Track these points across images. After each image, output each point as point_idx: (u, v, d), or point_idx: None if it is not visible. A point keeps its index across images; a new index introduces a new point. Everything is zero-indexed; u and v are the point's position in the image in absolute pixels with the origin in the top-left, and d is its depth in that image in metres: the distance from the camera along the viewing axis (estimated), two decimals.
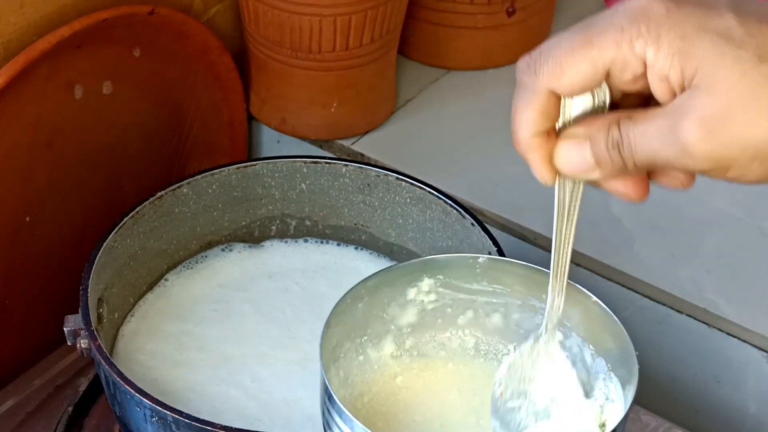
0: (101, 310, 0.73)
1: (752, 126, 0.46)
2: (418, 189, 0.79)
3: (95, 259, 0.72)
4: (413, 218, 0.81)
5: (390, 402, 0.60)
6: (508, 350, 0.62)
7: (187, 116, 0.94)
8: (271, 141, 1.01)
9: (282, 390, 0.73)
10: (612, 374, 0.57)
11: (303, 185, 0.82)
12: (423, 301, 0.62)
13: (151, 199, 0.77)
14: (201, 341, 0.76)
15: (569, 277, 0.54)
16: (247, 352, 0.75)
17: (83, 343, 0.69)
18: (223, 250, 0.83)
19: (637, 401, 0.82)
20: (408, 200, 0.80)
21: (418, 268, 0.60)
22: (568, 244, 0.53)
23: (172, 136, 0.94)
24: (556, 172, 0.51)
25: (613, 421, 0.54)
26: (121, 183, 0.90)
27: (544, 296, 0.58)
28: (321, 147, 0.98)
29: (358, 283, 0.58)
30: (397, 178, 0.80)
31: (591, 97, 0.50)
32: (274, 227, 0.85)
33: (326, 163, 0.82)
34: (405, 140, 0.99)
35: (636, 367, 0.54)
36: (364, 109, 0.98)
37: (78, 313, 0.69)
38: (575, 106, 0.50)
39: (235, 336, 0.76)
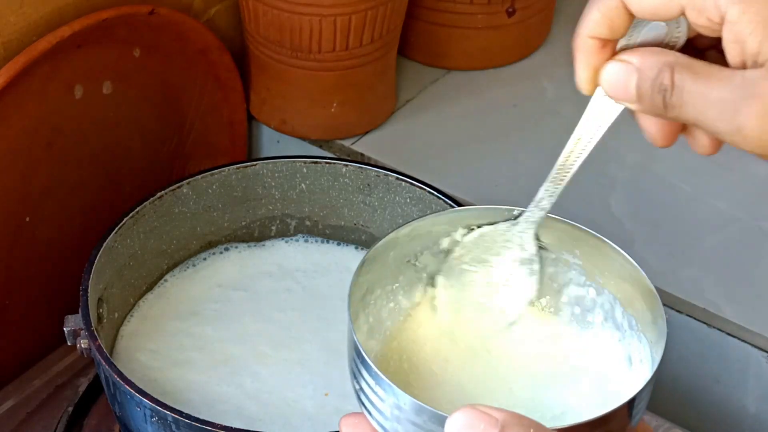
0: (101, 310, 0.73)
1: None
2: (418, 189, 0.79)
3: (95, 259, 0.72)
4: (413, 218, 0.80)
5: (416, 350, 0.59)
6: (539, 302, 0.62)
7: (187, 116, 0.94)
8: (271, 141, 1.01)
9: (282, 390, 0.73)
10: (642, 335, 0.56)
11: (303, 185, 0.82)
12: (457, 250, 0.61)
13: (151, 199, 0.77)
14: (201, 341, 0.76)
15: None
16: (247, 352, 0.75)
17: (83, 343, 0.69)
18: (223, 250, 0.83)
19: None
20: (408, 200, 0.80)
21: (453, 218, 0.59)
22: (579, 158, 0.53)
23: (172, 136, 0.94)
24: (596, 86, 0.50)
25: (641, 380, 0.53)
26: (121, 183, 0.90)
27: (576, 251, 0.58)
28: (321, 147, 0.98)
29: (390, 231, 0.58)
30: (397, 178, 0.80)
31: (665, 29, 0.48)
32: (274, 227, 0.85)
33: (326, 163, 0.82)
34: (405, 140, 0.99)
35: (665, 329, 0.53)
36: (364, 109, 0.98)
37: (78, 313, 0.69)
38: (645, 31, 0.49)
39: (235, 336, 0.76)
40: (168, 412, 0.63)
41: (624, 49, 0.49)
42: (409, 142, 0.99)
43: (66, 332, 0.70)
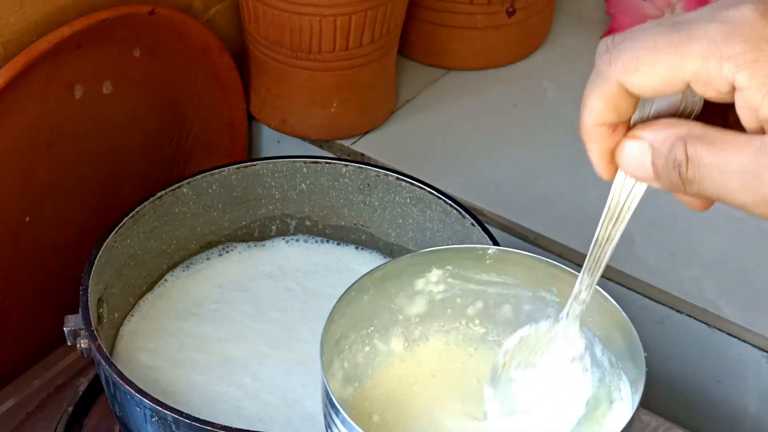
0: (101, 310, 0.73)
1: None
2: (418, 189, 0.79)
3: (95, 259, 0.72)
4: (413, 218, 0.81)
5: (395, 390, 0.59)
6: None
7: (187, 116, 0.94)
8: (271, 141, 1.01)
9: (282, 390, 0.73)
10: (621, 372, 0.56)
11: (303, 185, 0.82)
12: (432, 291, 0.61)
13: (151, 199, 0.77)
14: (201, 341, 0.76)
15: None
16: (248, 352, 0.75)
17: (83, 343, 0.69)
18: (223, 250, 0.83)
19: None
20: (408, 200, 0.80)
21: (426, 259, 0.60)
22: (611, 243, 0.51)
23: (172, 136, 0.94)
24: (616, 168, 0.48)
25: (622, 420, 0.54)
26: (121, 183, 0.90)
27: (554, 288, 0.57)
28: (321, 147, 0.98)
29: (364, 275, 0.57)
30: (397, 178, 0.80)
31: (679, 96, 0.46)
32: (274, 227, 0.85)
33: (326, 163, 0.82)
34: (405, 140, 0.99)
35: (644, 366, 0.53)
36: (364, 109, 0.98)
37: (78, 313, 0.69)
38: (658, 101, 0.46)
39: (236, 336, 0.76)
40: (168, 412, 0.63)
41: (638, 122, 0.47)
42: (409, 142, 0.99)
43: (66, 332, 0.70)
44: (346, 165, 0.81)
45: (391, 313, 0.61)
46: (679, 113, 0.46)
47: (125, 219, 0.75)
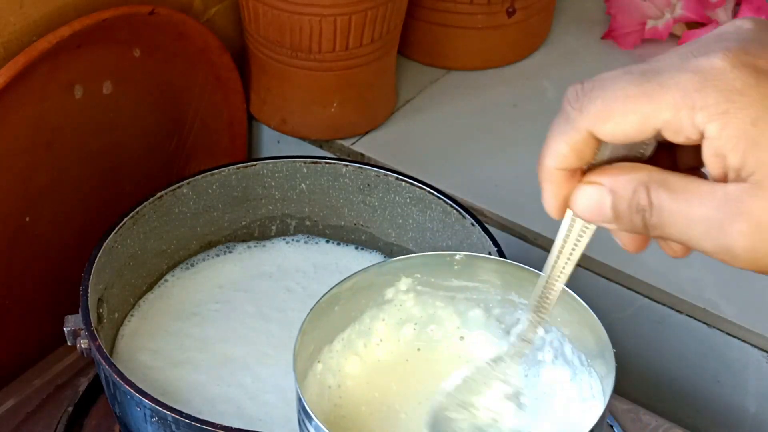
0: (101, 310, 0.73)
1: None
2: (418, 189, 0.79)
3: (95, 259, 0.72)
4: (413, 218, 0.81)
5: (367, 395, 0.59)
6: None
7: (187, 116, 0.94)
8: (271, 141, 1.01)
9: (282, 390, 0.73)
10: (592, 369, 0.56)
11: (303, 185, 0.82)
12: (402, 300, 0.61)
13: (151, 199, 0.77)
14: (201, 341, 0.76)
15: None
16: (248, 352, 0.75)
17: (83, 343, 0.69)
18: (223, 250, 0.83)
19: (638, 401, 0.82)
20: (408, 200, 0.80)
21: (394, 268, 0.60)
22: (559, 281, 0.51)
23: (172, 136, 0.94)
24: (566, 209, 0.48)
25: (594, 416, 0.53)
26: (121, 183, 0.90)
27: (523, 291, 0.58)
28: (321, 147, 0.98)
29: (333, 287, 0.57)
30: (397, 178, 0.80)
31: (632, 144, 0.46)
32: (274, 227, 0.85)
33: (326, 163, 0.82)
34: (405, 140, 0.99)
35: (613, 363, 0.52)
36: (364, 109, 0.98)
37: (78, 313, 0.69)
38: (612, 146, 0.46)
39: (236, 336, 0.76)
40: (168, 412, 0.63)
41: (592, 167, 0.47)
42: (409, 142, 0.99)
43: (66, 332, 0.70)
44: (346, 165, 0.81)
45: (361, 323, 0.61)
46: (633, 156, 0.46)
47: (125, 219, 0.75)
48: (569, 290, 0.55)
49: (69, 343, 0.71)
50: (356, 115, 0.98)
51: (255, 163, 0.81)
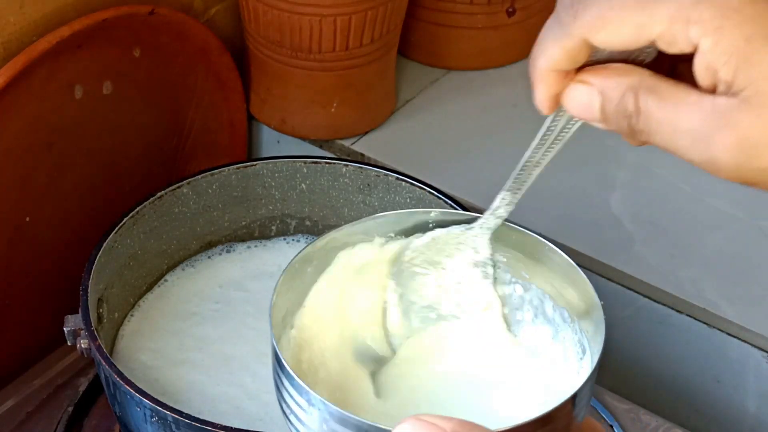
0: (101, 310, 0.73)
1: None
2: (418, 189, 0.79)
3: (95, 259, 0.72)
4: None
5: (340, 349, 0.58)
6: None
7: (187, 116, 0.94)
8: (271, 141, 1.01)
9: None
10: (577, 326, 0.55)
11: (303, 185, 0.82)
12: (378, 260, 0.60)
13: (151, 199, 0.77)
14: (201, 341, 0.76)
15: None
16: (248, 352, 0.75)
17: (83, 343, 0.69)
18: (223, 250, 0.83)
19: (638, 401, 0.82)
20: (408, 200, 0.80)
21: (367, 227, 0.58)
22: (538, 167, 0.52)
23: (172, 136, 0.94)
24: (557, 106, 0.49)
25: (581, 377, 0.51)
26: (121, 183, 0.90)
27: (501, 247, 0.57)
28: (321, 147, 0.98)
29: (307, 246, 0.56)
30: (397, 178, 0.80)
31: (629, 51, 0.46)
32: (274, 227, 0.85)
33: (326, 163, 0.82)
34: (405, 140, 0.99)
35: (602, 318, 0.51)
36: (364, 109, 0.98)
37: (78, 313, 0.69)
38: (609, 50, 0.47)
39: (236, 336, 0.76)
40: (168, 412, 0.63)
41: (588, 64, 0.47)
42: (409, 142, 0.99)
43: (66, 332, 0.70)
44: (346, 165, 0.81)
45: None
46: (632, 60, 0.46)
47: (125, 219, 0.75)
48: (554, 246, 0.55)
49: (69, 343, 0.71)
50: (356, 115, 0.98)
51: (255, 163, 0.81)
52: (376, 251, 0.58)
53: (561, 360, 0.56)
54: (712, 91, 0.44)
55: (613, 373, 0.90)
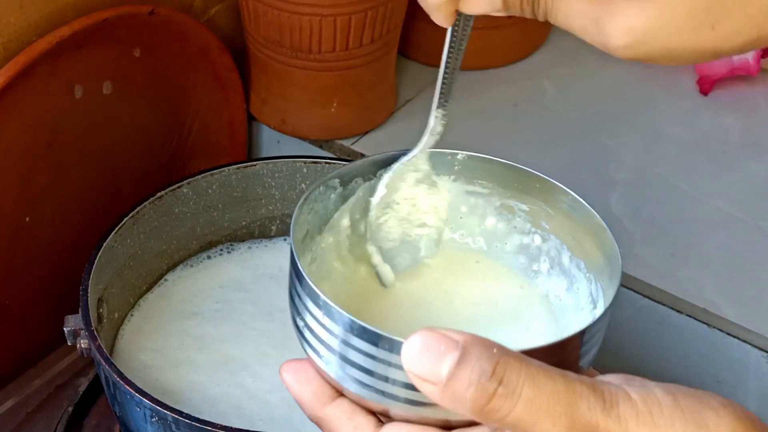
0: (101, 310, 0.73)
1: (681, 41, 0.46)
2: None
3: (95, 259, 0.72)
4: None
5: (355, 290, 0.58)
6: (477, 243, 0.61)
7: (187, 116, 0.94)
8: (271, 141, 1.01)
9: (282, 390, 0.72)
10: (592, 276, 0.55)
11: (303, 185, 0.82)
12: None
13: (151, 199, 0.77)
14: (201, 341, 0.76)
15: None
16: (248, 352, 0.75)
17: (83, 343, 0.69)
18: (223, 250, 0.83)
19: None
20: None
21: (394, 159, 0.59)
22: (455, 71, 0.56)
23: (172, 136, 0.94)
24: (456, 14, 0.53)
25: (585, 321, 0.51)
26: (121, 183, 0.90)
27: (523, 195, 0.58)
28: (321, 147, 0.98)
29: (333, 173, 0.57)
30: None
31: None
32: (274, 227, 0.85)
33: (326, 163, 0.82)
34: (405, 140, 0.99)
35: (619, 265, 0.51)
36: (364, 109, 0.98)
37: (78, 313, 0.69)
38: None
39: (236, 336, 0.76)
40: (168, 412, 0.63)
41: None
42: (409, 142, 0.99)
43: (66, 332, 0.70)
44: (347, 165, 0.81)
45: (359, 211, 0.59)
46: None
47: (125, 219, 0.75)
48: (578, 197, 0.55)
49: (69, 343, 0.71)
50: (356, 115, 0.98)
51: (255, 163, 0.81)
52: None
53: (573, 309, 0.56)
54: None
55: (613, 373, 0.90)
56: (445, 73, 0.55)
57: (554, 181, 0.56)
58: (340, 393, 0.49)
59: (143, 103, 0.89)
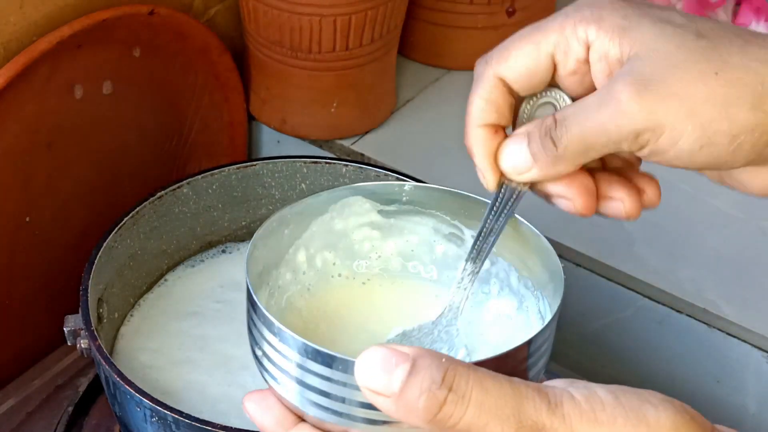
0: (101, 310, 0.73)
1: (689, 85, 0.47)
2: None
3: (95, 259, 0.72)
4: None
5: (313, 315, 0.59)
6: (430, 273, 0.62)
7: (187, 116, 0.94)
8: (271, 141, 1.01)
9: None
10: (539, 293, 0.56)
11: (303, 185, 0.82)
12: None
13: (151, 199, 0.77)
14: (201, 341, 0.76)
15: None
16: (248, 352, 0.74)
17: (83, 343, 0.69)
18: (223, 250, 0.83)
19: None
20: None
21: (344, 194, 0.59)
22: (493, 235, 0.54)
23: (172, 136, 0.94)
24: (500, 177, 0.52)
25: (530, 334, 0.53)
26: (121, 183, 0.90)
27: (469, 222, 0.58)
28: (321, 147, 0.98)
29: (284, 208, 0.57)
30: (397, 178, 0.80)
31: (552, 109, 0.52)
32: None
33: (326, 163, 0.82)
34: (405, 140, 0.99)
35: (561, 280, 0.53)
36: (364, 109, 0.98)
37: (78, 313, 0.69)
38: (531, 110, 0.52)
39: (236, 336, 0.76)
40: (168, 412, 0.63)
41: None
42: (409, 142, 0.99)
43: (66, 332, 0.70)
44: (346, 165, 0.81)
45: (307, 249, 0.60)
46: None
47: (125, 219, 0.75)
48: (518, 217, 0.56)
49: (69, 343, 0.71)
50: (356, 115, 0.98)
51: (255, 163, 0.81)
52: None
53: (523, 327, 0.57)
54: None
55: (613, 374, 0.90)
56: (481, 230, 0.54)
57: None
58: (301, 419, 0.51)
59: (143, 103, 0.89)
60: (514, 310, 0.58)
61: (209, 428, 0.62)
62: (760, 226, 0.91)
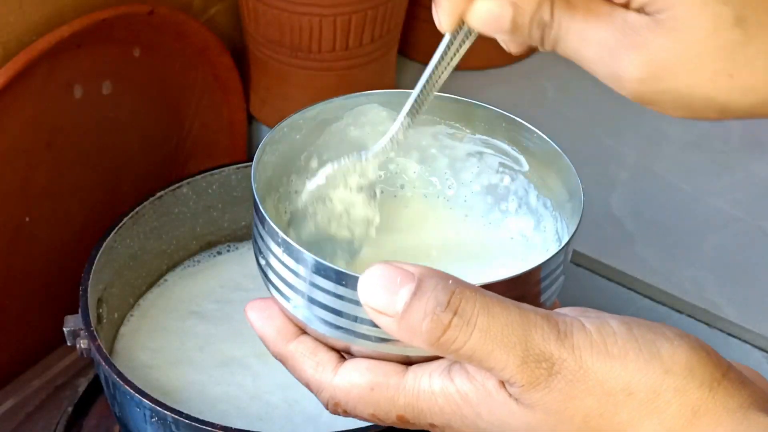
0: (101, 310, 0.73)
1: (696, 86, 0.44)
2: None
3: (95, 259, 0.72)
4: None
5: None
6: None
7: (187, 116, 0.94)
8: None
9: (282, 390, 0.73)
10: (558, 214, 0.55)
11: None
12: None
13: (151, 199, 0.77)
14: (201, 341, 0.76)
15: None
16: (248, 352, 0.75)
17: (83, 343, 0.69)
18: (223, 250, 0.83)
19: None
20: None
21: (360, 101, 0.59)
22: (435, 87, 0.52)
23: (172, 136, 0.94)
24: (459, 24, 0.48)
25: (546, 256, 0.51)
26: (121, 183, 0.90)
27: (495, 135, 0.57)
28: None
29: (295, 114, 0.56)
30: None
31: None
32: None
33: None
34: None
35: (581, 201, 0.51)
36: None
37: (78, 313, 0.69)
38: None
39: (236, 336, 0.76)
40: (168, 412, 0.63)
41: None
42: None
43: (66, 332, 0.70)
44: None
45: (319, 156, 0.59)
46: None
47: (125, 219, 0.75)
48: (539, 131, 0.54)
49: (69, 343, 0.71)
50: None
51: None
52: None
53: (540, 248, 0.56)
54: (626, 5, 0.44)
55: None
56: (426, 82, 0.51)
57: (520, 120, 0.56)
58: (303, 330, 0.50)
59: (143, 103, 0.89)
60: (531, 230, 0.57)
61: (209, 428, 0.62)
62: (760, 226, 0.91)
